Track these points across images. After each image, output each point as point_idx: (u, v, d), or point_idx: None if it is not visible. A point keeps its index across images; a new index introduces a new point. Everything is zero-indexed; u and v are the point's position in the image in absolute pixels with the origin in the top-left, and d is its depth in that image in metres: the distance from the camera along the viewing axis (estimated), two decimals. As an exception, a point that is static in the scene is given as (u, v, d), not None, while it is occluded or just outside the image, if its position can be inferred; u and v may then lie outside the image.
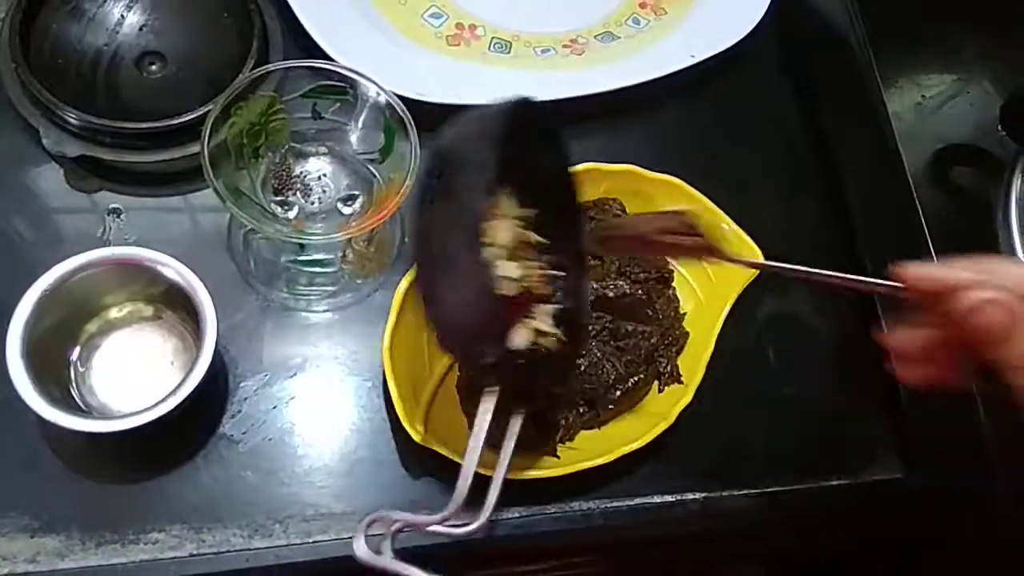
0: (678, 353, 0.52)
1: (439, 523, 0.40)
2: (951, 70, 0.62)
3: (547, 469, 0.47)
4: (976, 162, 0.59)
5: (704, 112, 0.64)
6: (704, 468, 0.52)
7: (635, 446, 0.48)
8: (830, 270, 0.59)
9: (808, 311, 0.59)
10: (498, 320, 0.39)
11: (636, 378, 0.50)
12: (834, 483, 0.54)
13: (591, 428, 0.50)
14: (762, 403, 0.55)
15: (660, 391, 0.52)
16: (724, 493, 0.52)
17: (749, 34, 0.64)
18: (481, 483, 0.41)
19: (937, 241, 0.53)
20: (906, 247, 0.55)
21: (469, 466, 0.40)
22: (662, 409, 0.49)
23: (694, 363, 0.51)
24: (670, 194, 0.55)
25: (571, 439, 0.49)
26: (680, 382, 0.51)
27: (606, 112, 0.61)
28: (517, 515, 0.49)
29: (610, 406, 0.50)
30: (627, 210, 0.55)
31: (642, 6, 0.67)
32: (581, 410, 0.50)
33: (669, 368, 0.52)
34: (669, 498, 0.51)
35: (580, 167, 0.54)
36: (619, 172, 0.54)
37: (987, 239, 0.55)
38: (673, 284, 0.55)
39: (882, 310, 0.56)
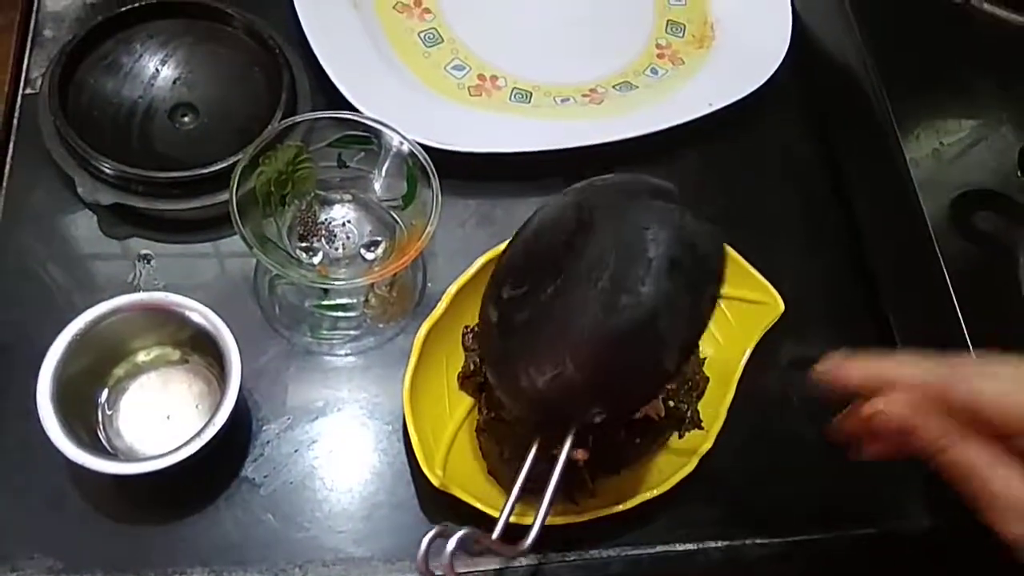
0: (698, 398, 0.52)
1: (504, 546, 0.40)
2: (968, 115, 0.62)
3: (566, 516, 0.47)
4: (996, 207, 0.59)
5: (722, 160, 0.65)
6: (726, 515, 0.52)
7: (655, 493, 0.48)
8: (849, 315, 0.59)
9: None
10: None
11: (663, 414, 0.50)
12: (860, 532, 0.53)
13: (610, 475, 0.50)
14: (785, 449, 0.55)
15: (680, 437, 0.51)
16: (747, 541, 0.51)
17: (766, 83, 0.65)
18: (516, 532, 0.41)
19: (958, 287, 0.53)
20: (927, 294, 0.54)
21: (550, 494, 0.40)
22: (683, 455, 0.49)
23: (715, 409, 0.51)
24: None
25: (592, 486, 0.49)
26: (700, 428, 0.51)
27: (624, 160, 0.62)
28: (535, 561, 0.49)
29: (630, 453, 0.50)
30: None
31: (660, 56, 0.68)
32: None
33: (689, 414, 0.51)
34: (691, 546, 0.51)
35: None
36: None
37: (1009, 284, 0.55)
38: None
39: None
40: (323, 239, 0.54)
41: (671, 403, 0.51)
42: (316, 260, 0.53)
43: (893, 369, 0.37)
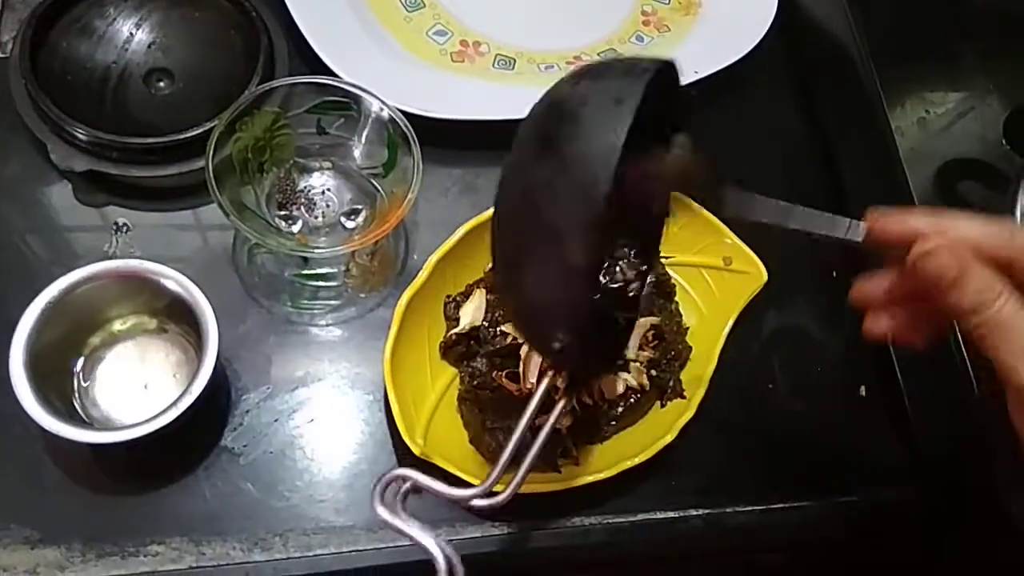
0: (681, 368, 0.52)
1: (464, 498, 0.38)
2: (955, 86, 0.62)
3: (547, 484, 0.47)
4: (981, 177, 0.58)
5: (707, 128, 0.64)
6: (707, 484, 0.52)
7: (637, 461, 0.48)
8: (832, 286, 0.59)
9: (814, 324, 0.58)
10: (583, 308, 0.35)
11: (639, 392, 0.50)
12: (840, 500, 0.53)
13: (592, 443, 0.50)
14: (767, 418, 0.55)
15: (662, 406, 0.51)
16: (727, 509, 0.51)
17: (752, 50, 0.64)
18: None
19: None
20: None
21: (512, 445, 0.38)
22: (664, 424, 0.49)
23: (697, 378, 0.51)
24: (678, 209, 0.54)
25: (575, 454, 0.49)
26: (683, 397, 0.51)
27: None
28: (516, 530, 0.49)
29: (612, 421, 0.50)
30: None
31: (645, 23, 0.67)
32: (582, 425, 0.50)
33: (672, 383, 0.51)
34: (671, 514, 0.51)
35: None
36: None
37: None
38: (676, 298, 0.54)
39: (892, 348, 0.56)
40: (302, 207, 0.53)
41: (653, 372, 0.51)
42: (295, 228, 0.53)
43: (951, 221, 0.34)
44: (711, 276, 0.55)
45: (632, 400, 0.49)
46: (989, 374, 0.33)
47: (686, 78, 0.61)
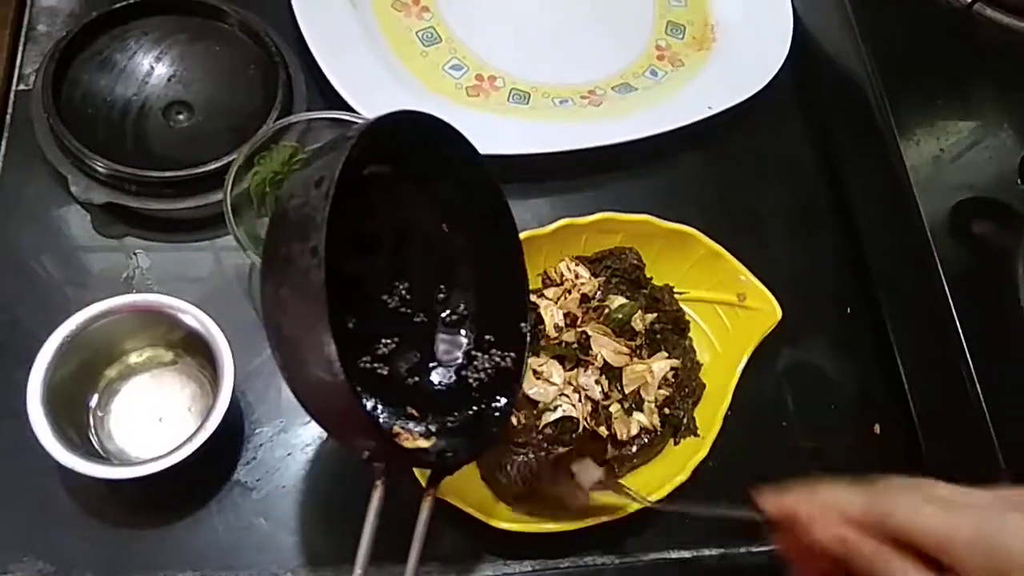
0: (695, 405, 0.52)
1: None
2: (968, 117, 0.62)
3: (561, 523, 0.47)
4: (995, 214, 0.58)
5: (721, 163, 0.65)
6: (721, 523, 0.51)
7: (650, 501, 0.47)
8: (846, 321, 0.59)
9: (827, 362, 0.58)
10: (357, 425, 0.34)
11: (653, 432, 0.50)
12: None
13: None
14: (781, 455, 0.55)
15: (676, 443, 0.51)
16: (742, 550, 0.51)
17: (766, 86, 0.64)
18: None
19: (956, 295, 0.53)
20: (925, 301, 0.54)
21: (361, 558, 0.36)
22: (677, 463, 0.49)
23: (710, 416, 0.51)
24: (685, 244, 0.55)
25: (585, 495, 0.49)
26: (696, 435, 0.51)
27: (623, 162, 0.62)
28: (529, 568, 0.48)
29: (626, 462, 0.49)
30: (643, 259, 0.55)
31: (660, 58, 0.68)
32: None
33: (685, 420, 0.51)
34: (686, 554, 0.50)
35: (594, 217, 0.54)
36: (635, 222, 0.55)
37: (1007, 292, 0.55)
38: (689, 335, 0.54)
39: (902, 364, 0.56)
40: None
41: (667, 410, 0.50)
42: (311, 262, 0.53)
43: (825, 497, 0.35)
44: (725, 312, 0.55)
45: (646, 440, 0.49)
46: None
47: (700, 113, 0.62)
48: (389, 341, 0.41)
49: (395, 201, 0.41)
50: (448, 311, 0.44)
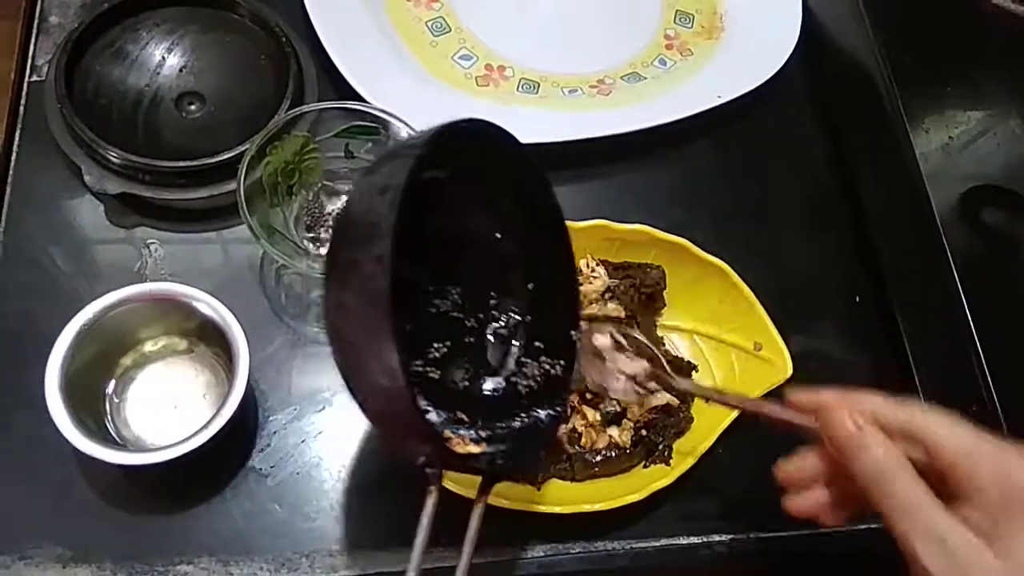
0: (676, 436, 0.51)
1: None
2: (978, 110, 0.62)
3: (573, 505, 0.47)
4: (1005, 202, 0.58)
5: (730, 151, 0.65)
6: (732, 508, 0.52)
7: (597, 507, 0.47)
8: (856, 310, 0.59)
9: (837, 351, 0.58)
10: (416, 431, 0.33)
11: (622, 450, 0.49)
12: (859, 528, 0.53)
13: (563, 479, 0.49)
14: (789, 444, 0.55)
15: (645, 467, 0.50)
16: (751, 535, 0.51)
17: (775, 75, 0.64)
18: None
19: (966, 283, 0.53)
20: (935, 289, 0.54)
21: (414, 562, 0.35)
22: (640, 483, 0.48)
23: (689, 449, 0.49)
24: (718, 280, 0.53)
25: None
26: (668, 464, 0.50)
27: (632, 152, 0.62)
28: (541, 554, 0.49)
29: (587, 467, 0.49)
30: (672, 282, 0.54)
31: (668, 47, 0.68)
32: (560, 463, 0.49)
33: (662, 447, 0.50)
34: (696, 539, 0.51)
35: (630, 227, 0.53)
36: (671, 243, 0.53)
37: (1017, 280, 0.55)
38: (696, 372, 0.54)
39: (911, 352, 0.56)
40: (330, 229, 0.54)
41: (644, 432, 0.50)
42: (323, 251, 0.53)
43: (854, 395, 0.37)
44: (737, 357, 0.53)
45: (612, 455, 0.49)
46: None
47: (709, 103, 0.62)
48: (440, 345, 0.41)
49: (450, 206, 0.41)
50: (499, 317, 0.44)
